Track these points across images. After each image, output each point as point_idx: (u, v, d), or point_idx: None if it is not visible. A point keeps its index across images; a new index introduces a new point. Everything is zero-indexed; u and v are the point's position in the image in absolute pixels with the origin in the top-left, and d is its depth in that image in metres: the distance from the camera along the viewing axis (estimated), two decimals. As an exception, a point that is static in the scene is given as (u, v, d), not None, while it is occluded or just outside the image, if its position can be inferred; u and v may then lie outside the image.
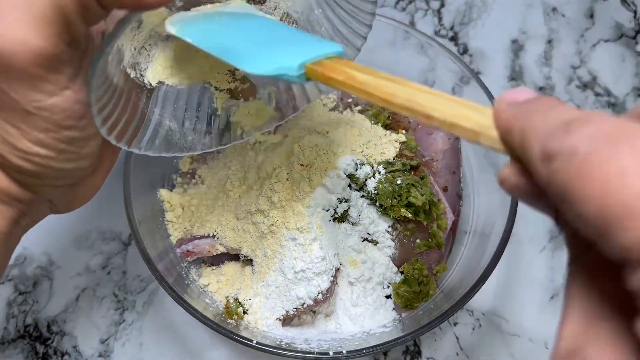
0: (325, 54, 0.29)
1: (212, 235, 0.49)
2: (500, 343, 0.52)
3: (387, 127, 0.53)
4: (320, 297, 0.46)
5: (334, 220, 0.48)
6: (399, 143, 0.51)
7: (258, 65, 0.29)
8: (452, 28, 0.68)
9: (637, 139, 0.17)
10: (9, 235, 0.33)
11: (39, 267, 0.55)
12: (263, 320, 0.46)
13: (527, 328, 0.53)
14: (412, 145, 0.51)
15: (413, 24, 0.68)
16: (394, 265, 0.48)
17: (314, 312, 0.48)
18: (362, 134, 0.50)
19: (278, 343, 0.44)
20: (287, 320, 0.47)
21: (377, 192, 0.48)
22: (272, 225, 0.46)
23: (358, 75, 0.27)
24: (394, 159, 0.50)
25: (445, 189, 0.52)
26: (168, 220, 0.50)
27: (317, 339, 0.46)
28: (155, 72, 0.38)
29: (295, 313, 0.46)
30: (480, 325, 0.53)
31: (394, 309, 0.49)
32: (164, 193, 0.51)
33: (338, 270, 0.48)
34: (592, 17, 0.68)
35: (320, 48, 0.30)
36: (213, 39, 0.32)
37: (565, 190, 0.18)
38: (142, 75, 0.37)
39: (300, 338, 0.46)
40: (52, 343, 0.52)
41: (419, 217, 0.47)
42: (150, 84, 0.37)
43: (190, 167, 0.53)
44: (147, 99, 0.37)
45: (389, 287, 0.48)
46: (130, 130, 0.34)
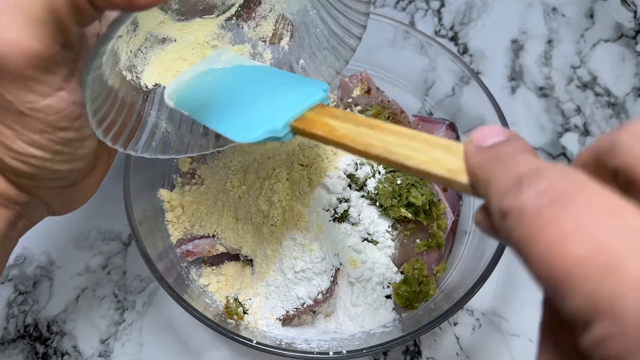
0: (309, 105, 0.32)
1: (212, 235, 0.49)
2: (500, 343, 0.52)
3: (387, 127, 0.53)
4: (320, 297, 0.46)
5: (334, 220, 0.48)
6: (399, 143, 0.51)
7: (247, 134, 0.32)
8: (452, 28, 0.68)
9: (581, 201, 0.18)
10: (6, 238, 0.33)
11: (39, 267, 0.55)
12: (263, 320, 0.46)
13: (527, 328, 0.53)
14: (412, 145, 0.51)
15: (413, 24, 0.68)
16: (394, 265, 0.48)
17: (314, 312, 0.48)
18: (362, 134, 0.50)
19: (278, 343, 0.44)
20: (287, 320, 0.47)
21: (377, 192, 0.48)
22: (272, 225, 0.46)
23: (338, 128, 0.29)
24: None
25: (445, 189, 0.52)
26: (168, 220, 0.50)
27: (317, 339, 0.46)
28: (152, 74, 0.38)
29: (295, 313, 0.46)
30: (480, 325, 0.53)
31: (394, 309, 0.49)
32: (164, 193, 0.51)
33: (338, 270, 0.48)
34: (592, 17, 0.68)
35: (303, 99, 0.33)
36: (206, 107, 0.35)
37: (519, 249, 0.19)
38: (138, 78, 0.37)
39: (300, 338, 0.46)
40: (52, 343, 0.52)
41: (419, 217, 0.47)
42: (147, 87, 0.37)
43: (190, 167, 0.53)
44: (143, 102, 0.37)
45: (389, 287, 0.48)
46: (127, 133, 0.34)
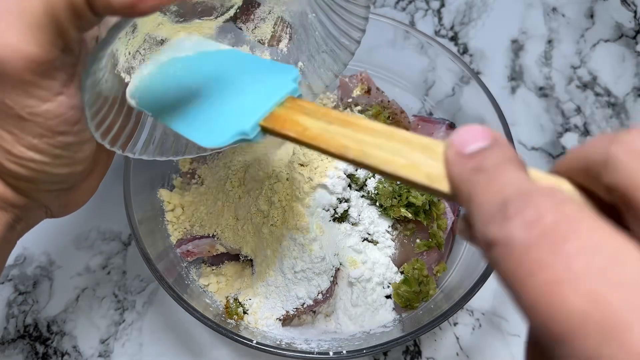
0: (278, 100, 0.29)
1: (212, 235, 0.49)
2: (500, 343, 0.52)
3: (387, 127, 0.53)
4: (320, 297, 0.46)
5: (334, 220, 0.48)
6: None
7: (215, 138, 0.29)
8: (452, 28, 0.68)
9: (575, 240, 0.16)
10: (4, 241, 0.33)
11: (39, 267, 0.55)
12: (263, 320, 0.46)
13: (527, 328, 0.53)
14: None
15: (413, 24, 0.68)
16: (394, 265, 0.48)
17: (314, 312, 0.48)
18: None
19: (278, 343, 0.44)
20: (287, 320, 0.47)
21: (377, 192, 0.48)
22: (272, 226, 0.46)
23: (310, 127, 0.27)
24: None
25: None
26: (168, 220, 0.50)
27: (317, 339, 0.46)
28: None
29: (295, 313, 0.46)
30: (480, 325, 0.53)
31: (394, 309, 0.49)
32: (164, 193, 0.51)
33: (338, 270, 0.48)
34: (592, 17, 0.68)
35: (273, 92, 0.30)
36: (170, 107, 0.32)
37: (506, 285, 0.17)
38: None
39: (300, 338, 0.46)
40: (52, 343, 0.52)
41: (419, 217, 0.47)
42: None
43: (190, 167, 0.53)
44: None
45: (389, 287, 0.48)
46: (125, 135, 0.34)
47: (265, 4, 0.40)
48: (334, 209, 0.47)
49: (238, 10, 0.40)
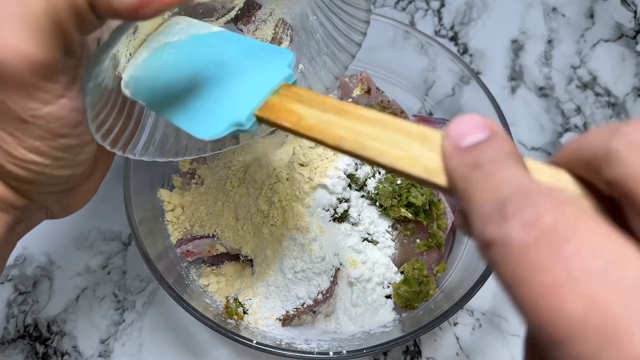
0: (273, 88, 0.28)
1: (212, 235, 0.49)
2: (500, 343, 0.52)
3: (387, 127, 0.53)
4: (320, 297, 0.46)
5: (334, 220, 0.48)
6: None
7: (210, 129, 0.29)
8: (452, 28, 0.68)
9: (574, 242, 0.16)
10: (5, 242, 0.33)
11: (39, 267, 0.55)
12: (263, 320, 0.46)
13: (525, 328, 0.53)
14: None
15: (413, 24, 0.68)
16: (394, 265, 0.48)
17: (314, 312, 0.48)
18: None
19: (278, 343, 0.44)
20: (287, 320, 0.47)
21: (377, 192, 0.48)
22: (272, 226, 0.46)
23: (305, 117, 0.26)
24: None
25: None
26: (168, 220, 0.50)
27: (317, 339, 0.46)
28: None
29: (295, 313, 0.46)
30: (480, 325, 0.53)
31: (394, 309, 0.49)
32: (164, 193, 0.51)
33: (338, 270, 0.48)
34: (592, 17, 0.68)
35: (267, 78, 0.29)
36: (164, 97, 0.31)
37: (505, 286, 0.17)
38: None
39: (300, 338, 0.46)
40: (52, 343, 0.52)
41: (419, 217, 0.47)
42: None
43: (190, 167, 0.53)
44: (141, 104, 0.37)
45: (389, 287, 0.48)
46: (125, 136, 0.34)
47: (266, 6, 0.40)
48: (334, 209, 0.47)
49: (239, 12, 0.40)
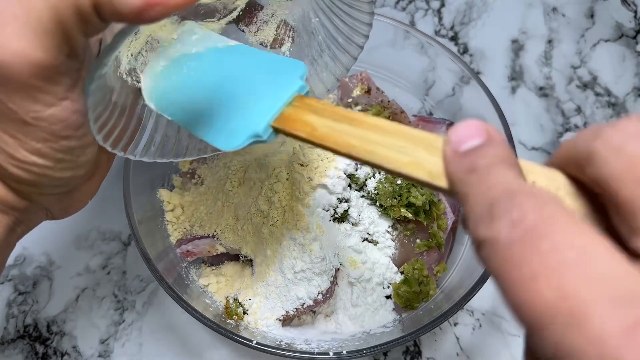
0: (287, 100, 0.30)
1: (211, 236, 0.49)
2: (501, 343, 0.52)
3: (387, 127, 0.53)
4: (320, 297, 0.46)
5: (334, 220, 0.48)
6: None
7: (231, 141, 0.31)
8: (452, 28, 0.68)
9: (550, 238, 0.17)
10: (4, 243, 0.33)
11: (39, 267, 0.55)
12: (263, 321, 0.46)
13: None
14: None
15: (413, 24, 0.68)
16: (394, 266, 0.48)
17: (314, 312, 0.48)
18: (362, 134, 0.50)
19: (278, 343, 0.44)
20: (287, 321, 0.47)
21: (377, 192, 0.48)
22: (272, 226, 0.46)
23: (318, 127, 0.27)
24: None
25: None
26: (168, 221, 0.50)
27: (317, 339, 0.46)
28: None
29: (295, 313, 0.46)
30: (481, 326, 0.53)
31: (394, 309, 0.49)
32: (164, 193, 0.51)
33: (338, 271, 0.48)
34: (592, 17, 0.68)
35: (282, 91, 0.30)
36: (188, 111, 0.33)
37: (495, 281, 0.18)
38: (138, 82, 0.36)
39: (300, 338, 0.46)
40: (51, 343, 0.52)
41: (419, 217, 0.47)
42: None
43: (190, 167, 0.53)
44: (143, 105, 0.37)
45: (389, 287, 0.48)
46: (127, 137, 0.34)
47: (268, 7, 0.40)
48: (334, 209, 0.47)
49: (241, 13, 0.40)
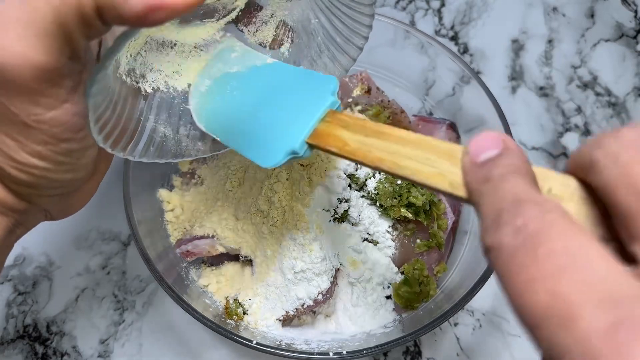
0: (320, 116, 0.32)
1: (211, 236, 0.49)
2: (501, 343, 0.52)
3: (387, 127, 0.53)
4: (320, 297, 0.46)
5: (334, 221, 0.47)
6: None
7: (271, 158, 0.33)
8: (452, 27, 0.68)
9: (548, 244, 0.18)
10: (3, 245, 0.33)
11: (39, 267, 0.55)
12: (263, 321, 0.46)
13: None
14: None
15: (413, 24, 0.68)
16: (394, 266, 0.48)
17: (314, 312, 0.48)
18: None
19: (278, 343, 0.44)
20: (287, 321, 0.47)
21: (377, 192, 0.48)
22: (272, 226, 0.46)
23: (349, 142, 0.30)
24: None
25: (446, 189, 0.52)
26: (168, 221, 0.50)
27: (317, 340, 0.46)
28: (152, 78, 0.37)
29: (295, 313, 0.46)
30: (481, 326, 0.53)
31: (394, 310, 0.48)
32: (164, 193, 0.51)
33: (338, 271, 0.47)
34: (592, 16, 0.68)
35: (315, 107, 0.33)
36: (232, 130, 0.36)
37: (499, 282, 0.19)
38: (137, 82, 0.36)
39: (300, 338, 0.46)
40: (51, 343, 0.52)
41: (419, 217, 0.47)
42: (146, 91, 0.37)
43: (190, 167, 0.53)
44: (142, 106, 0.37)
45: (389, 287, 0.48)
46: (126, 138, 0.34)
47: (268, 8, 0.40)
48: (334, 209, 0.47)
49: (240, 13, 0.40)
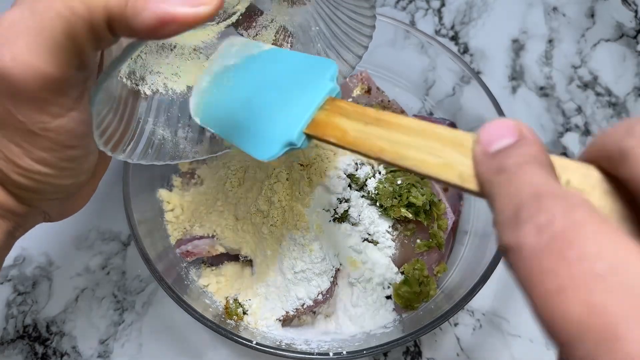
0: (318, 104, 0.30)
1: (211, 236, 0.49)
2: (501, 344, 0.52)
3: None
4: (320, 297, 0.46)
5: (334, 221, 0.47)
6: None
7: (268, 150, 0.31)
8: (452, 27, 0.67)
9: (578, 246, 0.16)
10: (3, 247, 0.33)
11: (38, 267, 0.55)
12: (263, 321, 0.46)
13: (527, 329, 0.53)
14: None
15: (413, 24, 0.68)
16: (394, 266, 0.48)
17: (314, 312, 0.48)
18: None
19: (278, 344, 0.44)
20: (287, 321, 0.47)
21: (377, 192, 0.48)
22: (272, 226, 0.46)
23: (348, 131, 0.28)
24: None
25: (446, 189, 0.52)
26: (167, 221, 0.50)
27: (317, 340, 0.46)
28: (151, 81, 0.37)
29: (295, 313, 0.46)
30: (481, 326, 0.53)
31: (394, 310, 0.48)
32: (164, 193, 0.51)
33: (338, 271, 0.47)
34: (592, 16, 0.67)
35: (313, 95, 0.31)
36: (228, 123, 0.34)
37: (521, 288, 0.18)
38: (137, 85, 0.37)
39: (300, 339, 0.46)
40: (51, 343, 0.52)
41: (420, 217, 0.47)
42: (145, 93, 0.37)
43: (190, 167, 0.53)
44: (141, 109, 0.37)
45: (389, 287, 0.48)
46: (125, 141, 0.35)
47: (268, 13, 0.40)
48: (334, 209, 0.47)
49: (240, 17, 0.40)
